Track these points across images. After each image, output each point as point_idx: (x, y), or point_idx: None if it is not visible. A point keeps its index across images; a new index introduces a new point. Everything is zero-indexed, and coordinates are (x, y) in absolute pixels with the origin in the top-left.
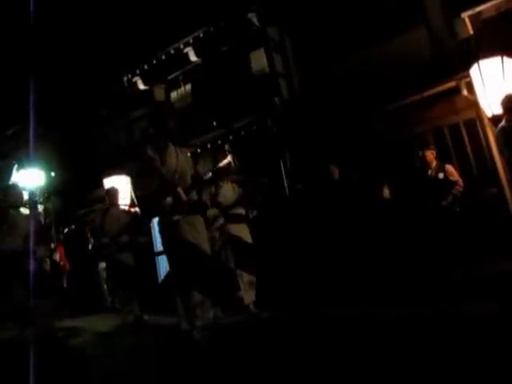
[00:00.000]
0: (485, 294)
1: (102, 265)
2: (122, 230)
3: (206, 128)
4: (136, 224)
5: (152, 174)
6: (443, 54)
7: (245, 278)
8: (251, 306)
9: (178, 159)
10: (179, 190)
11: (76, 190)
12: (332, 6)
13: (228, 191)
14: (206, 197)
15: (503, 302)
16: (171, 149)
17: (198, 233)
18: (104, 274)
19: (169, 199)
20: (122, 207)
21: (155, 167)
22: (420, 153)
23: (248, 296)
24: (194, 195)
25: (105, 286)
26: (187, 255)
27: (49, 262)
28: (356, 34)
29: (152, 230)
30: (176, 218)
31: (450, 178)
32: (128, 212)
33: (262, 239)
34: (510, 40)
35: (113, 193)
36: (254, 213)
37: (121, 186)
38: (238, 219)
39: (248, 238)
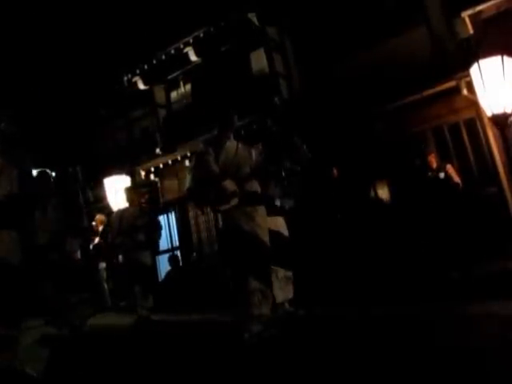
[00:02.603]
0: (484, 293)
1: (102, 265)
2: (139, 228)
3: (206, 127)
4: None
5: (201, 167)
6: (443, 53)
7: (280, 273)
8: (286, 304)
9: (238, 152)
10: (226, 182)
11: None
12: (332, 6)
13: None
14: (272, 190)
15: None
16: (232, 143)
17: (254, 223)
18: (104, 274)
19: (213, 191)
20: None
21: (205, 160)
22: (420, 154)
23: (282, 293)
24: (255, 186)
25: (105, 286)
26: (241, 245)
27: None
28: (356, 33)
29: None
30: (223, 208)
31: (453, 178)
32: (145, 211)
33: (298, 232)
34: (510, 39)
35: (131, 192)
36: (291, 203)
37: (120, 185)
38: (275, 211)
39: (285, 231)
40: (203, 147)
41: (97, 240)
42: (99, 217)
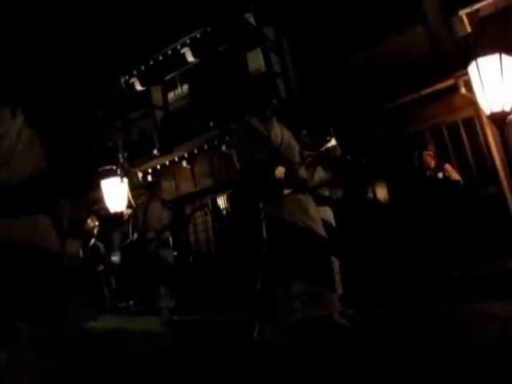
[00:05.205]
0: (484, 292)
1: (100, 267)
2: (164, 225)
3: (204, 128)
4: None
5: (258, 144)
6: (441, 52)
7: (336, 265)
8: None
9: (283, 133)
10: (280, 168)
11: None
12: (329, 6)
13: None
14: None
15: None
16: (275, 122)
17: (305, 214)
18: (102, 276)
19: (280, 170)
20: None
21: (263, 136)
22: (417, 154)
23: (339, 287)
24: (305, 173)
25: (104, 288)
26: (293, 239)
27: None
28: (353, 33)
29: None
30: (286, 192)
31: (451, 175)
32: (169, 207)
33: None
34: (508, 38)
35: (154, 186)
36: (339, 194)
37: (117, 188)
38: (323, 201)
39: (333, 222)
40: (254, 121)
41: (92, 241)
42: (93, 219)
